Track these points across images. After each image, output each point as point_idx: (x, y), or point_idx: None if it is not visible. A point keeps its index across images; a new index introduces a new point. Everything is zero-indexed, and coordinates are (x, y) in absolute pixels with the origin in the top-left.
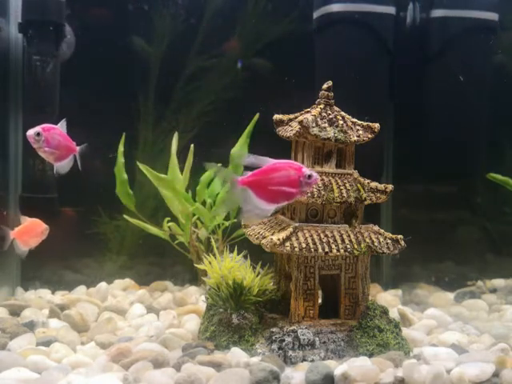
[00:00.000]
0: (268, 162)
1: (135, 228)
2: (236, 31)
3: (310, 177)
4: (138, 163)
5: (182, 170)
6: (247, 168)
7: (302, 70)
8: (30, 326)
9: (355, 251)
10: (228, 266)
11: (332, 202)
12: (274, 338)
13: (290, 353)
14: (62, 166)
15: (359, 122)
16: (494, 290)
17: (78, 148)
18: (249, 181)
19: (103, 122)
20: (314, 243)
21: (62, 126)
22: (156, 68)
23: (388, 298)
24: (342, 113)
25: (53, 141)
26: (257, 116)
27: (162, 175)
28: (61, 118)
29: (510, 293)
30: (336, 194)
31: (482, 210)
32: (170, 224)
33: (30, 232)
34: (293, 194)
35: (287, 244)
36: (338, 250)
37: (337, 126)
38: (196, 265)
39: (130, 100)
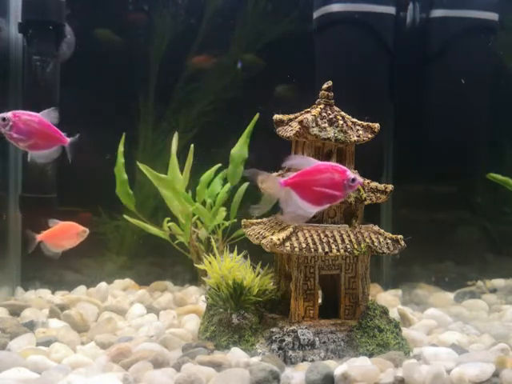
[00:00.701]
0: (311, 162)
1: (135, 228)
2: (236, 31)
3: (353, 180)
4: (137, 163)
5: (182, 170)
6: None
7: (302, 70)
8: (30, 326)
9: (355, 251)
10: (228, 266)
11: None
12: (273, 338)
13: (290, 353)
14: (41, 155)
15: (359, 122)
16: (494, 290)
17: (68, 139)
18: (292, 182)
19: (103, 122)
20: (314, 243)
21: (48, 115)
22: (156, 68)
23: (388, 298)
24: (342, 113)
25: (25, 127)
26: (257, 116)
27: (162, 175)
28: (60, 117)
29: (510, 293)
30: None
31: (482, 209)
32: (169, 224)
33: (61, 235)
34: (336, 197)
35: (287, 244)
36: (338, 250)
37: (337, 126)
38: (196, 265)
39: (130, 100)
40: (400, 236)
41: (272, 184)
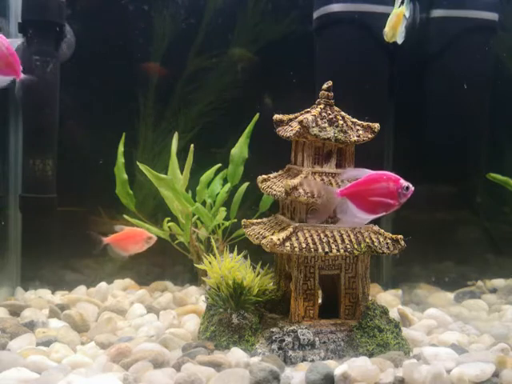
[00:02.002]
0: (366, 172)
1: None
2: (236, 31)
3: (407, 188)
4: (137, 163)
5: (182, 170)
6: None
7: (302, 70)
8: (30, 326)
9: (355, 251)
10: (228, 266)
11: None
12: (274, 338)
13: (290, 353)
14: None
15: (359, 122)
16: (494, 290)
17: (22, 75)
18: (348, 192)
19: (103, 122)
20: (314, 243)
21: (14, 43)
22: (156, 68)
23: (388, 298)
24: (342, 113)
25: None
26: (257, 116)
27: (162, 175)
28: (61, 118)
29: (510, 293)
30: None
31: (482, 209)
32: (169, 224)
33: (127, 240)
34: (391, 206)
35: (287, 244)
36: (338, 250)
37: (337, 126)
38: (196, 265)
39: (130, 100)
40: (400, 236)
41: (328, 194)
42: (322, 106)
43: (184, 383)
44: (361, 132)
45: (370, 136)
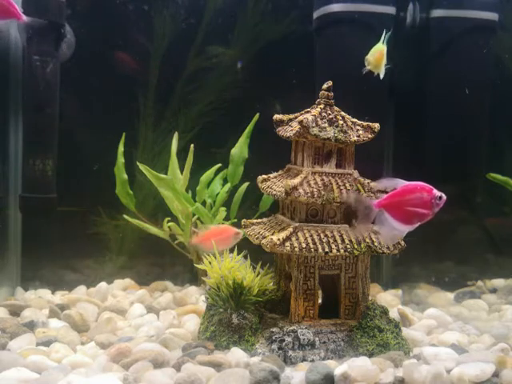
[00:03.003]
0: (400, 183)
1: (135, 228)
2: (236, 31)
3: (440, 198)
4: (138, 163)
5: (182, 170)
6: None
7: (302, 70)
8: (30, 326)
9: (355, 251)
10: (228, 266)
11: (332, 201)
12: (274, 338)
13: (290, 353)
14: None
15: (359, 122)
16: (494, 290)
17: (25, 17)
18: (386, 203)
19: (103, 122)
20: (314, 243)
21: None
22: (156, 68)
23: (388, 298)
24: (342, 113)
25: None
26: (257, 116)
27: (162, 175)
28: (61, 118)
29: (510, 293)
30: (336, 194)
31: (482, 209)
32: (170, 224)
33: (215, 237)
34: (425, 216)
35: (287, 244)
36: (338, 250)
37: (337, 126)
38: (196, 265)
39: (130, 100)
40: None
41: (366, 206)
42: (321, 106)
43: (184, 383)
44: (361, 132)
45: (369, 136)
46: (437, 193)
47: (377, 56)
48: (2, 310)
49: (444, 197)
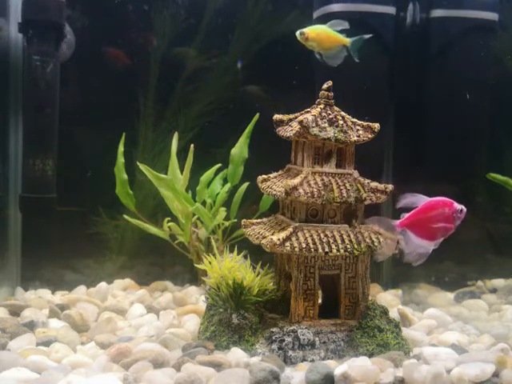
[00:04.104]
0: (422, 199)
1: (135, 228)
2: (236, 31)
3: (461, 211)
4: (138, 163)
5: (182, 170)
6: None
7: (302, 70)
8: (30, 326)
9: (355, 251)
10: (228, 266)
11: (332, 201)
12: (274, 337)
13: (290, 353)
14: None
15: (359, 122)
16: (494, 290)
17: None
18: (408, 222)
19: (103, 122)
20: (314, 243)
21: None
22: (156, 68)
23: (388, 298)
24: (342, 113)
25: None
26: (257, 116)
27: (162, 175)
28: (61, 118)
29: (510, 293)
30: (336, 194)
31: (482, 209)
32: (169, 224)
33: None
34: (447, 230)
35: (287, 244)
36: (338, 250)
37: (337, 126)
38: (196, 265)
39: (130, 100)
40: (400, 236)
41: (388, 227)
42: (322, 106)
43: (184, 383)
44: (361, 132)
45: (369, 136)
46: (457, 206)
47: (322, 35)
48: (2, 309)
49: (464, 209)
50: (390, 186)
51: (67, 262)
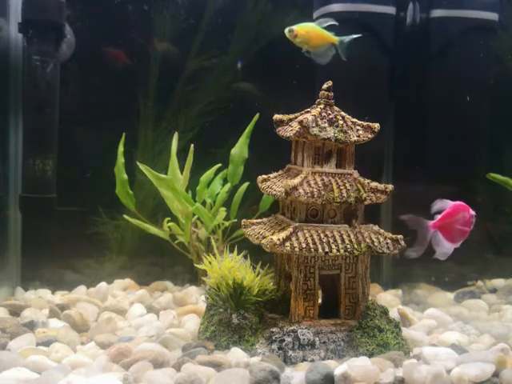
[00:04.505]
0: (447, 204)
1: (135, 228)
2: (236, 31)
3: (475, 216)
4: (138, 163)
5: (182, 170)
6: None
7: (302, 69)
8: (30, 326)
9: (355, 251)
10: (228, 266)
11: (332, 201)
12: (274, 337)
13: (290, 353)
14: None
15: (359, 122)
16: (494, 290)
17: None
18: (439, 224)
19: (103, 122)
20: (314, 243)
21: None
22: (156, 68)
23: (388, 298)
24: (342, 113)
25: None
26: (257, 116)
27: (162, 175)
28: (61, 118)
29: (510, 293)
30: (336, 194)
31: (482, 209)
32: (169, 224)
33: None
34: (466, 233)
35: (287, 244)
36: (338, 250)
37: (337, 126)
38: (196, 265)
39: (130, 100)
40: (400, 236)
41: (423, 227)
42: (321, 106)
43: (184, 383)
44: (361, 132)
45: (370, 136)
46: (472, 211)
47: (311, 33)
48: (2, 309)
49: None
50: (390, 186)
51: (67, 262)
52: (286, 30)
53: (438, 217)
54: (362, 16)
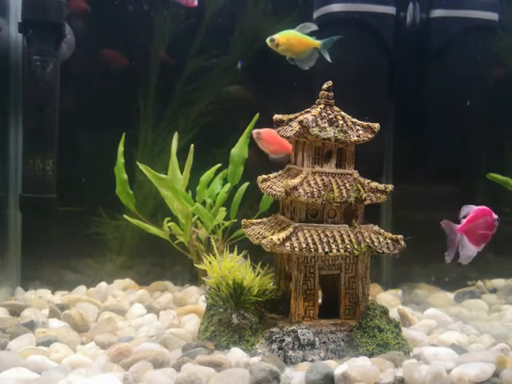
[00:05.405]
0: (471, 208)
1: (135, 228)
2: (236, 31)
3: (497, 220)
4: (138, 163)
5: (181, 169)
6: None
7: (302, 69)
8: (30, 326)
9: (355, 251)
10: (228, 266)
11: (332, 202)
12: (274, 337)
13: (290, 353)
14: None
15: (359, 122)
16: (494, 290)
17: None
18: (465, 228)
19: (103, 122)
20: (314, 243)
21: None
22: (156, 68)
23: (388, 298)
24: (342, 113)
25: None
26: (257, 116)
27: (162, 175)
28: (61, 118)
29: (510, 293)
30: (336, 194)
31: None
32: (169, 224)
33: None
34: (488, 237)
35: (287, 244)
36: (338, 250)
37: (337, 126)
38: (196, 265)
39: (130, 100)
40: (400, 236)
41: (452, 231)
42: (321, 106)
43: (184, 383)
44: (361, 132)
45: (370, 136)
46: (495, 215)
47: (292, 40)
48: (2, 309)
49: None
50: (390, 186)
51: (67, 262)
52: (268, 40)
53: (464, 221)
54: (361, 16)
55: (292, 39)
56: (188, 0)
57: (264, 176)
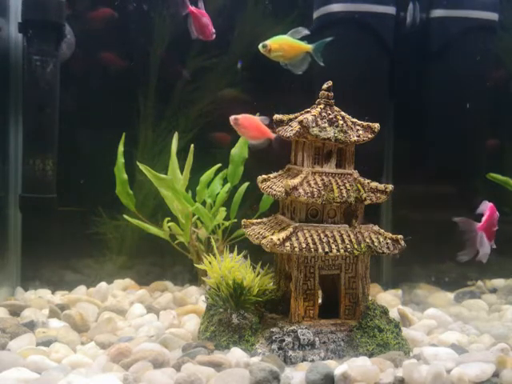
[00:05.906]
0: (485, 205)
1: (135, 228)
2: (236, 31)
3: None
4: (138, 163)
5: (181, 169)
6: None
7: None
8: (30, 326)
9: (355, 251)
10: (228, 266)
11: (332, 201)
12: (274, 337)
13: (290, 353)
14: None
15: (359, 122)
16: (494, 290)
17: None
18: (484, 226)
19: (103, 122)
20: (314, 243)
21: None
22: (156, 68)
23: (388, 298)
24: (342, 113)
25: None
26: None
27: (162, 175)
28: (61, 118)
29: (510, 293)
30: (336, 194)
31: None
32: (169, 224)
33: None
34: (495, 233)
35: (287, 244)
36: (338, 250)
37: (337, 126)
38: (196, 265)
39: (130, 100)
40: (400, 236)
41: (472, 230)
42: (321, 106)
43: (184, 383)
44: (361, 132)
45: (370, 136)
46: (497, 212)
47: (284, 45)
48: (2, 309)
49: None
50: (390, 186)
51: (67, 262)
52: (260, 46)
53: (483, 219)
54: (361, 16)
55: (283, 44)
56: (207, 34)
57: (264, 176)
